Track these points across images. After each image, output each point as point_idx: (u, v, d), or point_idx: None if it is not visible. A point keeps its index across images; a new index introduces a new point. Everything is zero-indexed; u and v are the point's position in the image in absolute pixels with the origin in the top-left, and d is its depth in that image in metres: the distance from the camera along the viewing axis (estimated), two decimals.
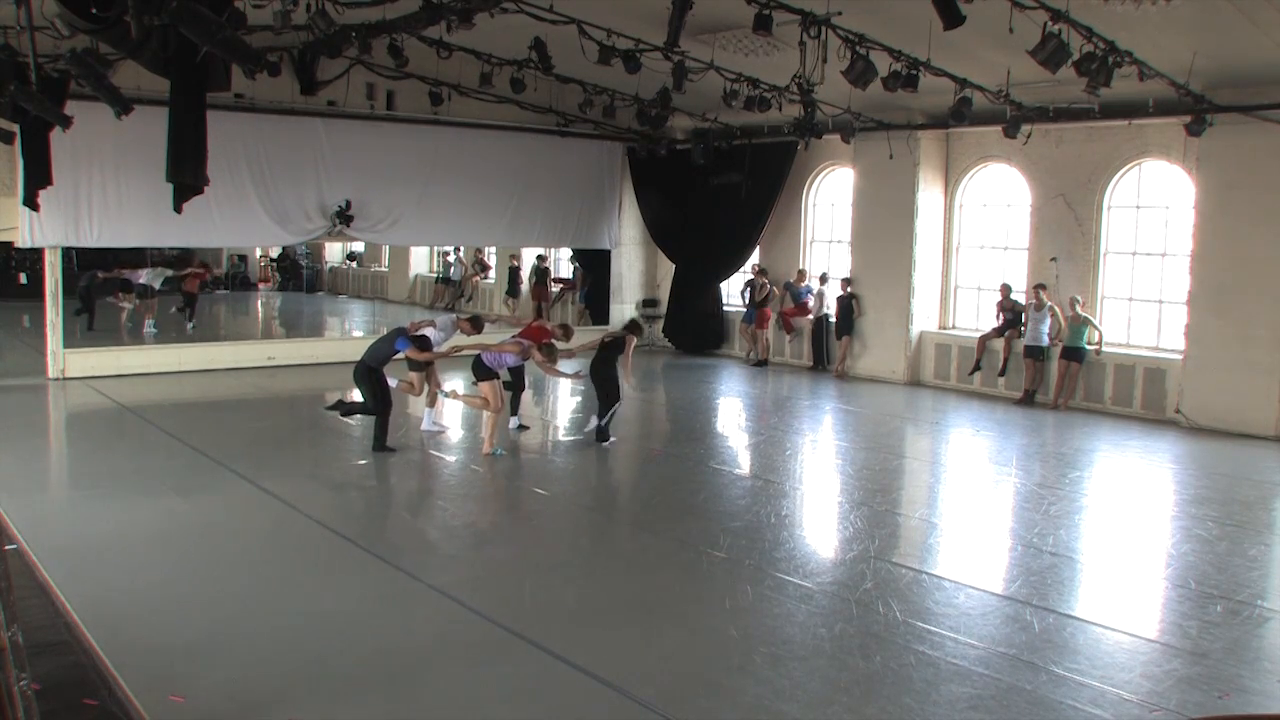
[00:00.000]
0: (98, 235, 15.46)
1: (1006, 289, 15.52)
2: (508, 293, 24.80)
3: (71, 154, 14.05)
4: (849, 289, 17.16)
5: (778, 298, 18.65)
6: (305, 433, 13.02)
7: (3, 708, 3.47)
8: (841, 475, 11.09)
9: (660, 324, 20.58)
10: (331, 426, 12.44)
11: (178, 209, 7.26)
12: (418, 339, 11.09)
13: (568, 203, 19.88)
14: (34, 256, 20.15)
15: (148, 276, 20.89)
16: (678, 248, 20.22)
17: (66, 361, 15.38)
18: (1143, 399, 14.17)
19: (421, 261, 29.49)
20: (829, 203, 18.72)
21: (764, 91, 14.34)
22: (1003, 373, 15.53)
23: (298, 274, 33.02)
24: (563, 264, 24.82)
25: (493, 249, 25.67)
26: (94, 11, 6.25)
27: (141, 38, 6.16)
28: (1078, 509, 9.62)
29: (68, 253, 17.48)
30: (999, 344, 15.53)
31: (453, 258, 27.26)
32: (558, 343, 11.49)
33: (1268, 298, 12.69)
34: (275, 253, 33.36)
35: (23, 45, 9.88)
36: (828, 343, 17.86)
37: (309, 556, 7.81)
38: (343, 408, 11.41)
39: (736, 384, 16.97)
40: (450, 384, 12.58)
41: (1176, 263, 14.09)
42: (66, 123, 10.41)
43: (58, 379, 15.19)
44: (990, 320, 15.89)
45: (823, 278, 17.99)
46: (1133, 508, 9.98)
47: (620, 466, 11.39)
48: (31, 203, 12.44)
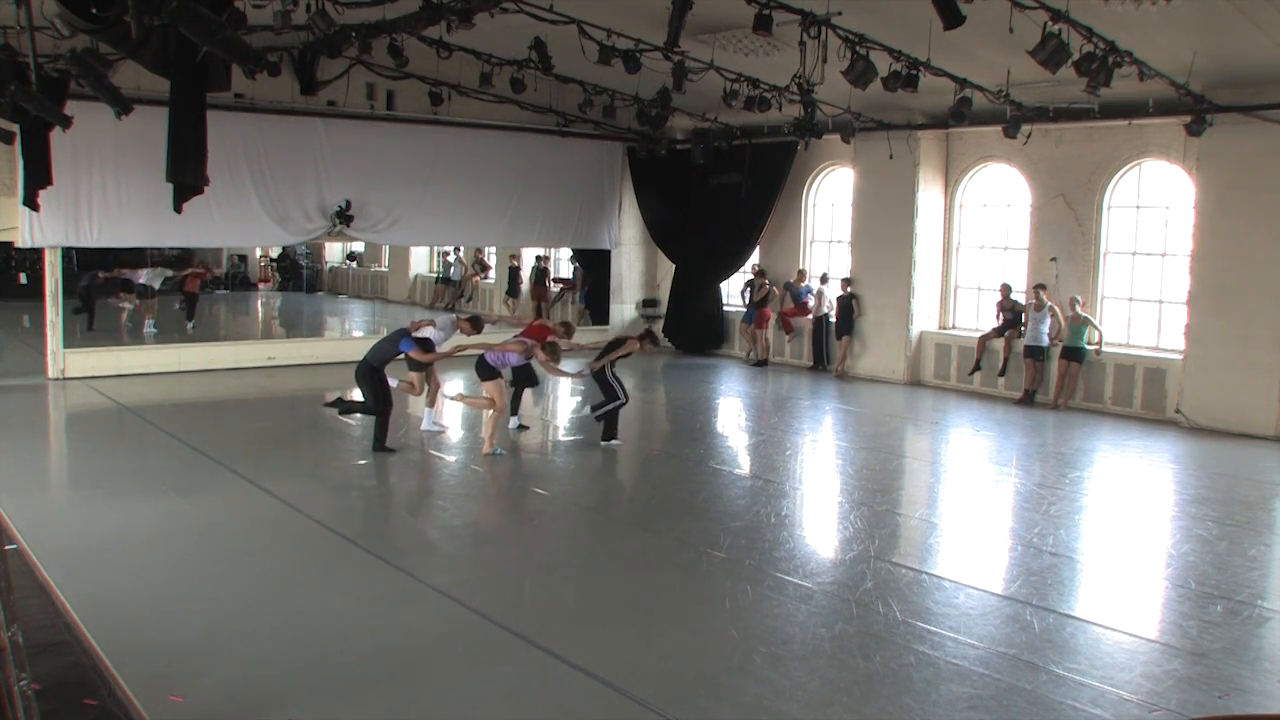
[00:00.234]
0: (98, 235, 15.46)
1: (1006, 289, 15.52)
2: (508, 293, 24.81)
3: (71, 154, 14.05)
4: (849, 289, 17.16)
5: (778, 298, 18.65)
6: (305, 433, 13.02)
7: (3, 708, 3.47)
8: (841, 475, 11.09)
9: (660, 324, 20.57)
10: (331, 426, 12.44)
11: (178, 209, 7.26)
12: (421, 340, 11.11)
13: (568, 203, 19.88)
14: (34, 256, 20.17)
15: (148, 276, 20.86)
16: (678, 248, 20.22)
17: (66, 361, 15.38)
18: (1143, 399, 14.17)
19: (421, 261, 29.50)
20: (829, 203, 18.72)
21: (764, 91, 14.35)
22: (1003, 373, 15.53)
23: (298, 274, 33.02)
24: (563, 264, 24.83)
25: (493, 249, 25.68)
26: (94, 11, 6.25)
27: (141, 38, 6.16)
28: (1078, 509, 9.62)
29: (68, 253, 17.48)
30: (999, 344, 15.53)
31: (453, 258, 27.27)
32: (560, 341, 11.50)
33: (1268, 298, 12.70)
34: (275, 253, 33.37)
35: (23, 45, 9.89)
36: (828, 343, 17.86)
37: (309, 556, 7.81)
38: (342, 406, 11.41)
39: (736, 384, 16.97)
40: (450, 384, 12.56)
41: (1176, 263, 14.09)
42: (66, 123, 10.41)
43: (58, 379, 15.19)
44: (990, 320, 15.89)
45: (823, 278, 18.00)
46: (1133, 508, 9.98)
47: (620, 466, 11.39)
48: (31, 203, 12.46)
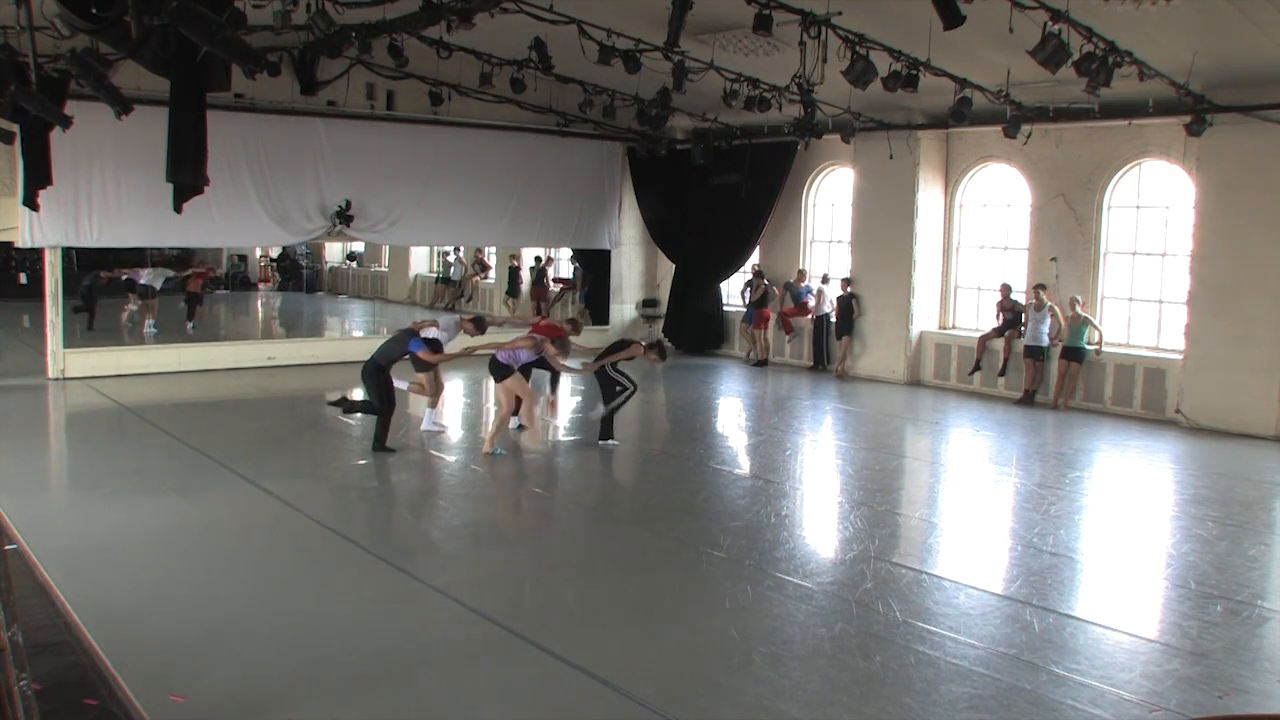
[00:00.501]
0: (98, 235, 15.45)
1: (1006, 289, 15.52)
2: (508, 293, 24.81)
3: (71, 154, 14.03)
4: (849, 289, 17.16)
5: (778, 298, 18.64)
6: (305, 433, 13.02)
7: (3, 708, 3.47)
8: (841, 475, 11.09)
9: (660, 324, 20.57)
10: (331, 426, 12.45)
11: (178, 209, 7.27)
12: (430, 341, 11.12)
13: (568, 203, 19.87)
14: (34, 256, 20.17)
15: (149, 276, 20.91)
16: (678, 248, 20.21)
17: (66, 361, 15.37)
18: (1143, 399, 14.17)
19: (421, 261, 29.50)
20: (829, 203, 18.72)
21: (764, 91, 14.34)
22: (1003, 373, 15.53)
23: (298, 274, 33.02)
24: (563, 264, 24.82)
25: (493, 249, 25.68)
26: (94, 11, 6.25)
27: (141, 38, 6.17)
28: (1078, 509, 9.62)
29: (67, 253, 17.47)
30: (999, 344, 15.53)
31: (453, 258, 27.27)
32: (570, 337, 11.52)
33: (1268, 298, 12.70)
34: (275, 253, 33.37)
35: (23, 45, 9.87)
36: (828, 343, 17.86)
37: (309, 556, 7.81)
38: (345, 405, 11.41)
39: (736, 384, 16.97)
40: (453, 384, 12.53)
41: (1176, 263, 14.09)
42: (66, 123, 10.40)
43: (58, 379, 15.18)
44: (990, 320, 15.89)
45: (825, 278, 18.00)
46: (1133, 508, 9.98)
47: (620, 466, 11.39)
48: (31, 203, 12.44)
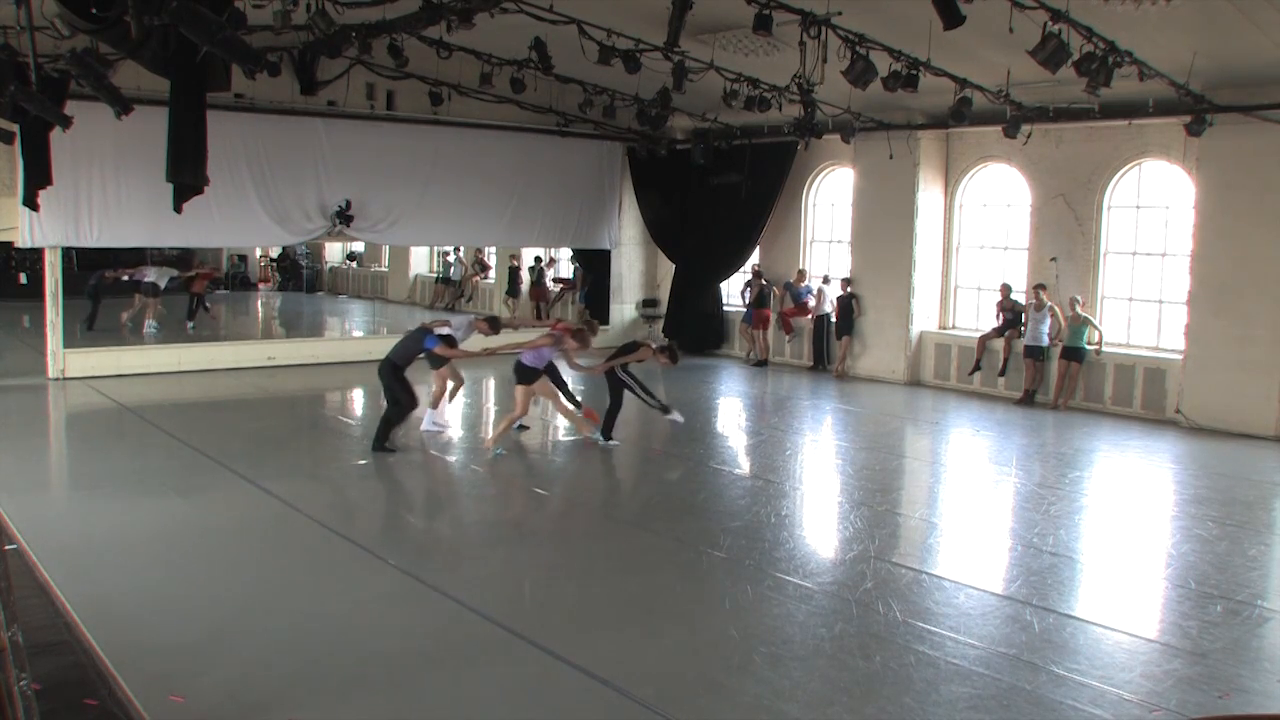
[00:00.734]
0: (98, 235, 15.44)
1: (1006, 289, 15.53)
2: (508, 293, 24.80)
3: (71, 154, 14.03)
4: (849, 289, 17.17)
5: (778, 298, 18.65)
6: (305, 433, 13.02)
7: (3, 708, 3.47)
8: (841, 475, 11.09)
9: (660, 324, 20.57)
10: (331, 427, 12.46)
11: (178, 209, 7.28)
12: (445, 337, 11.10)
13: (568, 203, 19.86)
14: (34, 256, 20.18)
15: (154, 275, 21.04)
16: (678, 248, 20.21)
17: (66, 361, 15.37)
18: (1143, 399, 14.17)
19: (421, 261, 29.50)
20: (829, 203, 18.72)
21: (764, 91, 14.34)
22: (1003, 373, 15.53)
23: (298, 274, 33.01)
24: (563, 264, 24.81)
25: (493, 249, 25.68)
26: (94, 11, 6.25)
27: (141, 38, 6.16)
28: (1078, 509, 9.62)
29: (67, 253, 17.47)
30: (999, 344, 15.53)
31: (453, 258, 27.27)
32: (574, 343, 11.47)
33: (1268, 298, 12.70)
34: (275, 253, 33.37)
35: (23, 45, 9.88)
36: (828, 343, 17.86)
37: (309, 556, 7.81)
38: (378, 442, 10.96)
39: (736, 384, 16.97)
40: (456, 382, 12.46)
41: (1176, 263, 14.09)
42: (66, 123, 10.40)
43: (58, 379, 15.18)
44: (990, 320, 15.89)
45: (825, 279, 18.00)
46: (1133, 508, 9.98)
47: (620, 466, 11.39)
48: (31, 203, 12.45)
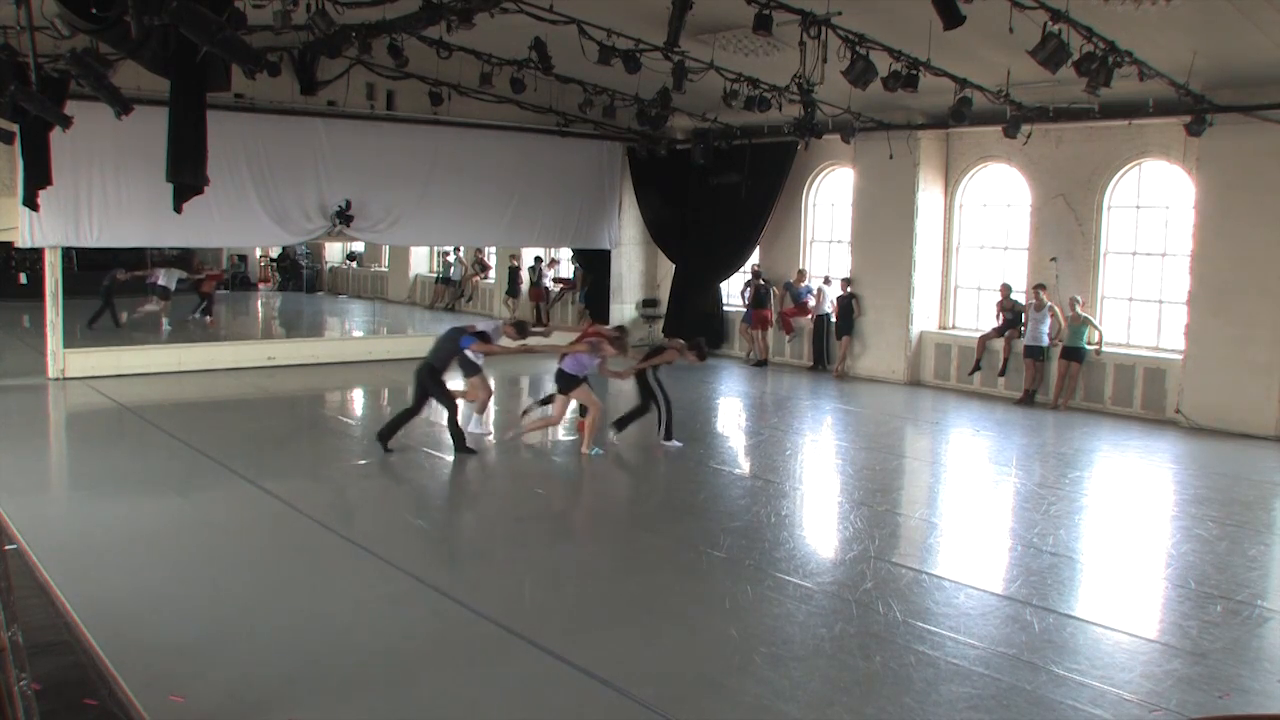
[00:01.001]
0: (98, 235, 15.44)
1: (1006, 289, 15.52)
2: (508, 293, 24.81)
3: (71, 154, 14.02)
4: (849, 289, 17.17)
5: (778, 298, 18.65)
6: (305, 433, 13.02)
7: (3, 708, 3.47)
8: (841, 475, 11.09)
9: (660, 324, 20.57)
10: (331, 427, 12.46)
11: (178, 209, 7.27)
12: (481, 334, 11.13)
13: (568, 203, 19.86)
14: (34, 256, 20.19)
15: (164, 277, 21.16)
16: (678, 248, 20.21)
17: (66, 361, 15.37)
18: (1143, 399, 14.17)
19: (421, 261, 29.50)
20: (829, 203, 18.72)
21: (764, 91, 14.34)
22: (1003, 373, 15.53)
23: (298, 274, 33.02)
24: (563, 264, 24.80)
25: (493, 249, 25.67)
26: (94, 11, 6.25)
27: (141, 38, 6.16)
28: (1078, 509, 9.62)
29: (67, 253, 17.48)
30: (999, 344, 15.53)
31: (453, 258, 27.28)
32: (612, 349, 11.35)
33: (1268, 298, 12.70)
34: (275, 253, 33.38)
35: (23, 45, 9.88)
36: (828, 343, 17.86)
37: (309, 556, 7.81)
38: (458, 446, 11.00)
39: (736, 384, 16.97)
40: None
41: (1176, 263, 14.09)
42: (66, 123, 10.40)
43: (58, 379, 15.18)
44: (990, 320, 15.89)
45: (826, 279, 18.00)
46: (1133, 508, 9.98)
47: (620, 466, 11.39)
48: (31, 203, 12.45)
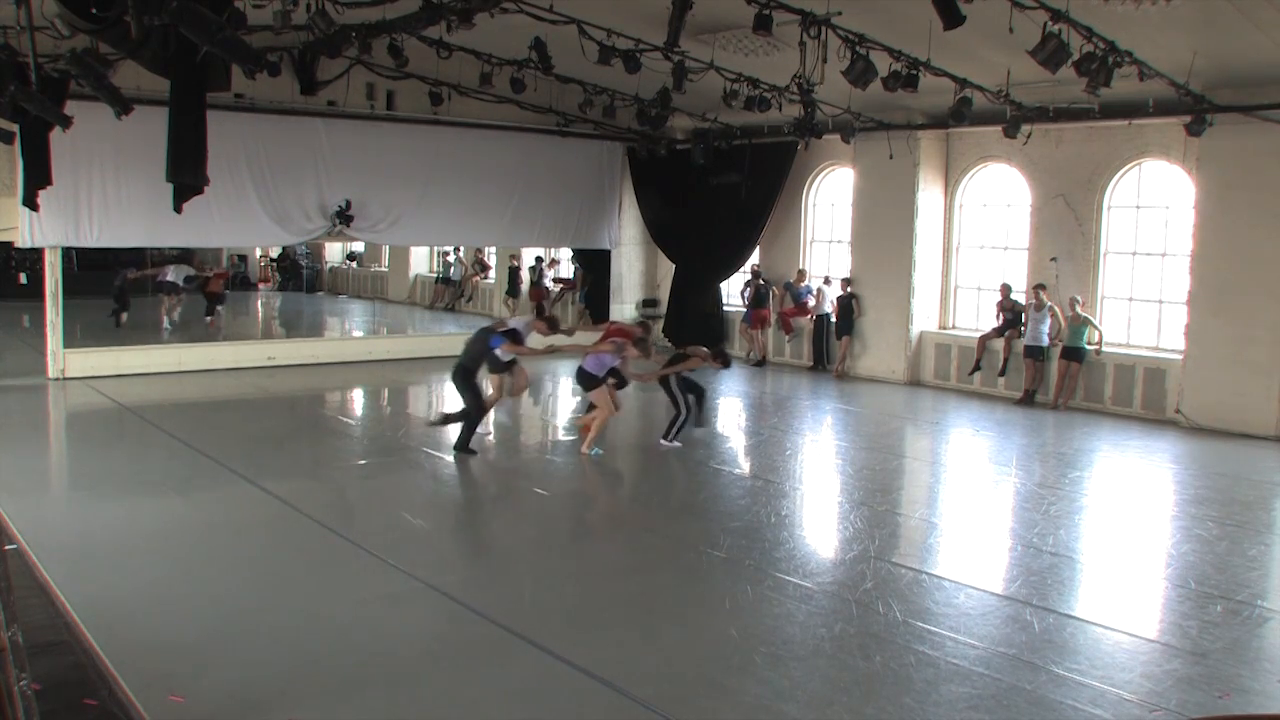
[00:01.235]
0: (98, 235, 15.44)
1: (1006, 289, 15.53)
2: (508, 293, 24.81)
3: (71, 154, 14.02)
4: (849, 289, 17.17)
5: (777, 298, 18.65)
6: (305, 433, 13.00)
7: (3, 708, 3.47)
8: (841, 475, 11.09)
9: (660, 324, 20.56)
10: (331, 427, 12.45)
11: (178, 209, 7.27)
12: (510, 333, 11.13)
13: (568, 203, 19.86)
14: (34, 256, 20.19)
15: (173, 275, 21.21)
16: (678, 248, 20.21)
17: (66, 361, 15.36)
18: (1143, 399, 14.17)
19: (421, 261, 29.50)
20: (829, 203, 18.72)
21: (764, 91, 14.34)
22: (1003, 373, 15.53)
23: (298, 274, 33.01)
24: (564, 264, 24.80)
25: (493, 249, 25.67)
26: (94, 11, 6.24)
27: (141, 38, 6.16)
28: (1078, 509, 9.62)
29: (67, 253, 17.48)
30: (999, 344, 15.54)
31: (453, 258, 27.28)
32: (635, 351, 11.34)
33: (1268, 298, 12.70)
34: (275, 253, 33.36)
35: (23, 45, 9.87)
36: (828, 343, 17.86)
37: (309, 556, 7.81)
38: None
39: (736, 384, 16.96)
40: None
41: (1176, 263, 14.09)
42: (66, 123, 10.39)
43: (58, 379, 15.18)
44: (990, 320, 15.89)
45: (826, 279, 17.99)
46: (1133, 508, 9.98)
47: (620, 466, 11.39)
48: (31, 203, 12.44)
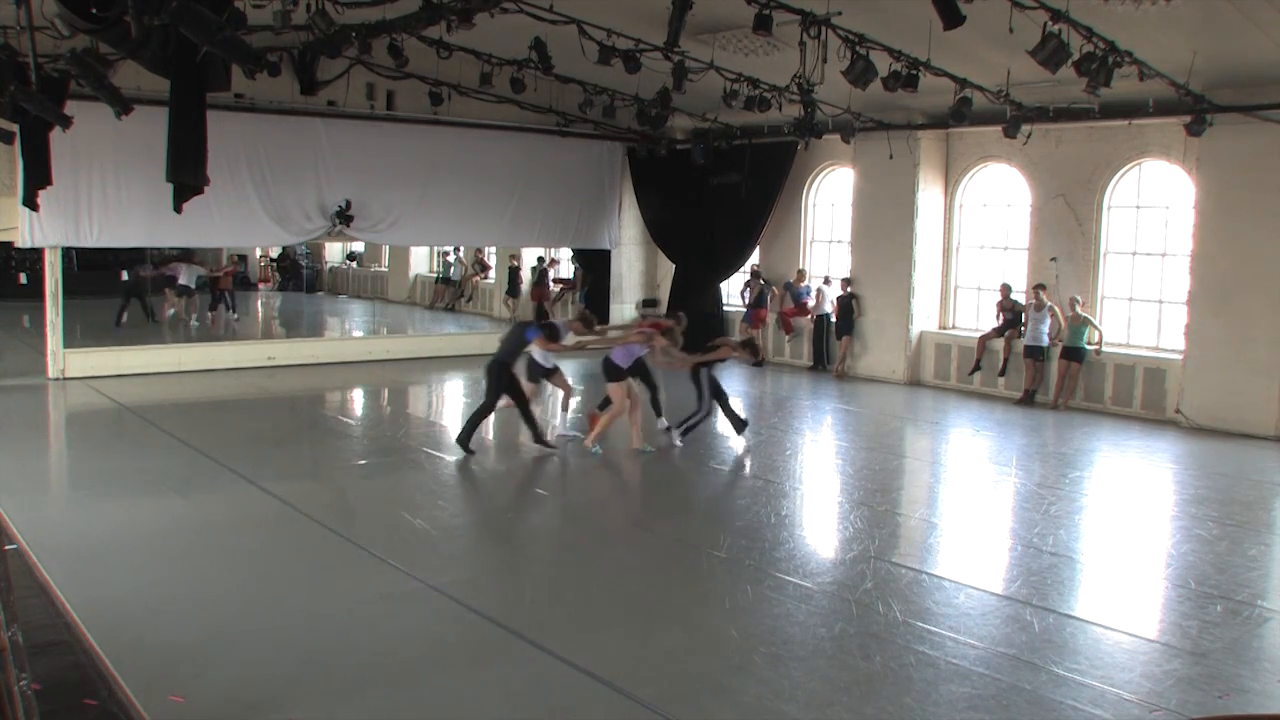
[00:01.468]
0: (98, 235, 15.44)
1: (1006, 289, 15.53)
2: (508, 293, 24.81)
3: (71, 154, 14.01)
4: (849, 289, 17.17)
5: (777, 297, 18.65)
6: (305, 433, 13.01)
7: (3, 708, 3.47)
8: (841, 475, 11.09)
9: None
10: (331, 427, 12.45)
11: (178, 209, 7.25)
12: (547, 327, 11.13)
13: (568, 203, 19.87)
14: (34, 256, 20.18)
15: (185, 275, 21.25)
16: (678, 248, 20.21)
17: (66, 361, 15.37)
18: (1143, 399, 14.17)
19: (421, 261, 29.50)
20: (829, 203, 18.72)
21: (764, 91, 14.34)
22: (1003, 373, 15.53)
23: (298, 274, 32.99)
24: (564, 264, 24.80)
25: (493, 249, 25.67)
26: (94, 11, 6.25)
27: (141, 38, 6.16)
28: (1078, 509, 9.62)
29: (67, 253, 17.47)
30: (999, 344, 15.54)
31: (453, 258, 27.28)
32: (664, 339, 11.37)
33: (1268, 298, 12.70)
34: (275, 253, 33.34)
35: (23, 45, 9.88)
36: (828, 343, 17.86)
37: (309, 556, 7.81)
38: (463, 435, 11.13)
39: (736, 384, 16.92)
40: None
41: (1176, 263, 14.09)
42: (66, 123, 10.39)
43: (58, 379, 15.18)
44: (990, 320, 15.89)
45: (826, 279, 17.99)
46: (1133, 508, 9.98)
47: (620, 466, 11.39)
48: (31, 203, 12.43)
